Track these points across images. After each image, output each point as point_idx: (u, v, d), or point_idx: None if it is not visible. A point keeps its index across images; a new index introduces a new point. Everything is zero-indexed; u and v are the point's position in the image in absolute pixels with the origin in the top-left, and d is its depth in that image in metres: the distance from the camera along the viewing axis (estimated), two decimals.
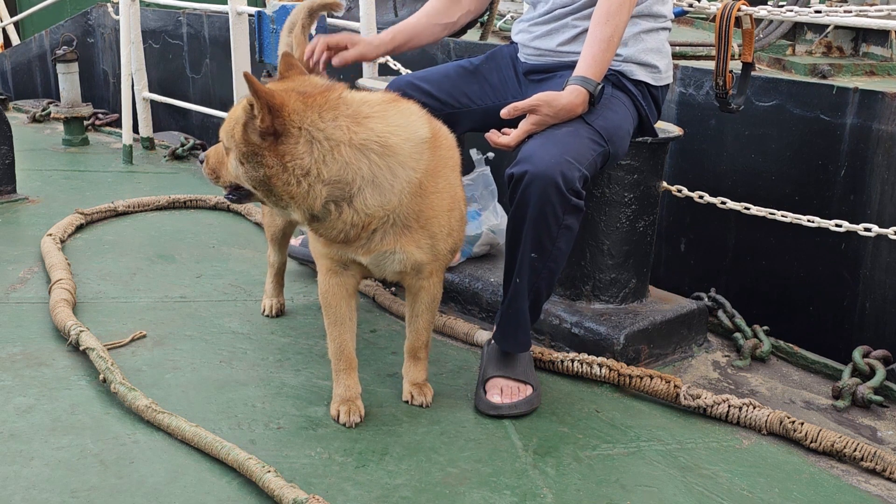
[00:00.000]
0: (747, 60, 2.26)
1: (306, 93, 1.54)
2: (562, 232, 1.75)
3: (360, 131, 1.52)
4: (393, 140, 1.55)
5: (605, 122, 1.83)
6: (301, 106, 1.50)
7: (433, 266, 1.71)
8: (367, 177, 1.53)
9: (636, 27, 1.94)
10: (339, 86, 1.59)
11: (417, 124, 1.60)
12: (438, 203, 1.63)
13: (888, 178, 2.34)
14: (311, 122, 1.50)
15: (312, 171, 1.50)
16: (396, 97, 1.65)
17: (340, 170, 1.51)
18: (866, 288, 2.42)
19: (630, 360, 2.02)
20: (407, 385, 1.85)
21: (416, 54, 3.55)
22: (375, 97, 1.60)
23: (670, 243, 2.86)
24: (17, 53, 6.32)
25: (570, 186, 1.72)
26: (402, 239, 1.61)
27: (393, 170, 1.55)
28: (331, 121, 1.51)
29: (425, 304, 1.79)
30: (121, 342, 2.08)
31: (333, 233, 1.59)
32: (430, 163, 1.60)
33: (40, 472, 1.57)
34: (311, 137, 1.50)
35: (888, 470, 1.63)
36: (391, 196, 1.55)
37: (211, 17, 4.80)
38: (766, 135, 2.59)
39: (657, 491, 1.58)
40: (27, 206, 3.23)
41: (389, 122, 1.55)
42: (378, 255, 1.63)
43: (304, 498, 1.43)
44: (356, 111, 1.54)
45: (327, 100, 1.53)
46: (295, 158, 1.49)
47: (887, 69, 3.24)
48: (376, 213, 1.56)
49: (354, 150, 1.51)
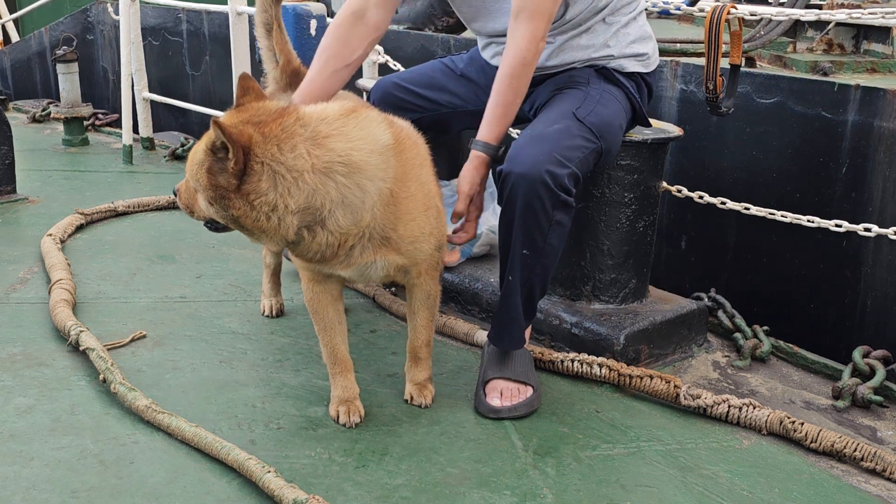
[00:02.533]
0: (735, 62, 2.25)
1: (262, 123, 1.48)
2: (552, 228, 1.75)
3: (322, 154, 1.48)
4: (357, 156, 1.51)
5: (597, 118, 1.83)
6: (260, 139, 1.46)
7: (421, 266, 1.70)
8: (335, 199, 1.50)
9: (613, 26, 1.93)
10: (293, 108, 1.53)
11: (378, 133, 1.56)
12: (413, 206, 1.60)
13: (889, 176, 2.33)
14: (272, 155, 1.45)
15: (279, 205, 1.46)
16: (354, 107, 1.59)
17: (308, 197, 1.48)
18: (867, 287, 2.42)
19: (630, 361, 2.02)
20: (408, 385, 1.85)
21: (417, 52, 3.54)
22: (333, 111, 1.55)
23: (670, 243, 2.85)
24: (17, 51, 6.32)
25: (558, 183, 1.72)
26: (382, 249, 1.59)
27: (361, 186, 1.52)
28: (289, 151, 1.46)
29: (420, 301, 1.78)
30: (121, 342, 2.08)
31: (310, 254, 1.57)
32: (398, 169, 1.57)
33: (40, 472, 1.58)
34: (272, 172, 1.45)
35: (888, 470, 1.63)
36: (363, 213, 1.53)
37: (211, 14, 4.79)
38: (767, 132, 2.59)
39: (657, 491, 1.58)
40: (27, 206, 3.23)
41: (350, 138, 1.52)
42: (359, 268, 1.62)
43: (304, 498, 1.43)
44: (315, 132, 1.49)
45: (283, 128, 1.47)
46: (260, 195, 1.46)
47: (888, 66, 3.24)
48: (350, 231, 1.54)
49: (319, 174, 1.48)
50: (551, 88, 1.94)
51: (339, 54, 1.92)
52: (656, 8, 2.57)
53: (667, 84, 2.83)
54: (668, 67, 2.82)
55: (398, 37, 3.72)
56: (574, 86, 1.91)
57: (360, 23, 1.93)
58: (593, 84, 1.91)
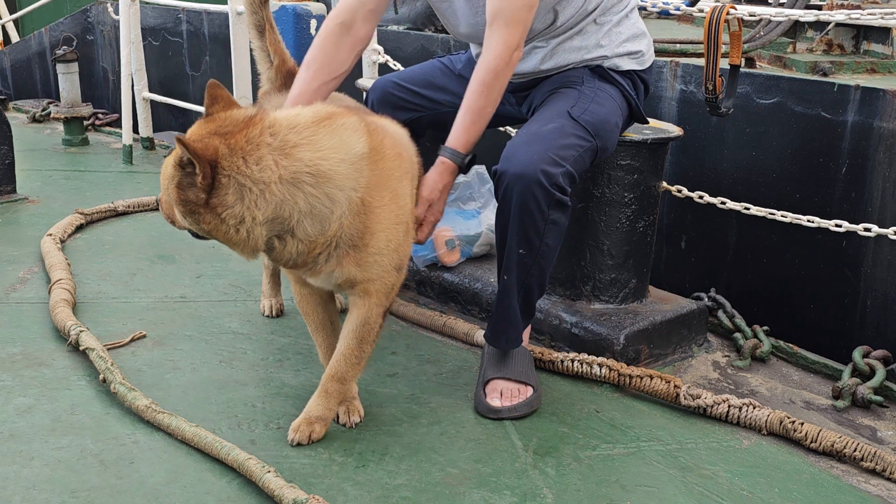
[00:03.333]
0: (735, 63, 2.25)
1: (228, 134, 1.46)
2: (548, 227, 1.75)
3: (290, 164, 1.47)
4: (325, 165, 1.49)
5: (592, 116, 1.83)
6: (226, 152, 1.44)
7: (371, 285, 1.61)
8: (303, 209, 1.48)
9: (604, 26, 1.92)
10: (261, 116, 1.50)
11: (352, 141, 1.53)
12: (385, 216, 1.56)
13: (889, 176, 2.33)
14: (237, 168, 1.44)
15: (247, 217, 1.46)
16: (330, 113, 1.56)
17: (276, 208, 1.47)
18: (867, 287, 2.42)
19: (630, 361, 2.02)
20: (299, 418, 1.68)
21: (417, 52, 3.54)
22: (305, 119, 1.52)
23: (670, 243, 2.85)
24: (17, 51, 6.32)
25: (553, 182, 1.71)
26: (345, 259, 1.56)
27: (330, 196, 1.50)
28: (255, 163, 1.45)
29: (351, 325, 1.64)
30: (121, 342, 2.08)
31: (282, 261, 1.57)
32: (372, 178, 1.54)
33: (40, 472, 1.58)
34: (239, 185, 1.44)
35: (888, 470, 1.63)
36: (331, 222, 1.51)
37: (211, 14, 4.79)
38: (767, 133, 2.59)
39: (657, 491, 1.58)
40: (27, 206, 3.23)
41: (320, 147, 1.49)
42: (324, 276, 1.60)
43: (304, 498, 1.43)
44: (283, 142, 1.48)
45: (249, 139, 1.45)
46: (227, 208, 1.45)
47: (888, 66, 3.24)
48: (318, 239, 1.52)
49: (286, 185, 1.46)
50: (547, 89, 1.94)
51: (327, 67, 1.90)
52: (656, 8, 2.57)
53: (666, 84, 2.83)
54: (667, 68, 2.82)
55: (398, 37, 3.72)
56: (569, 85, 1.91)
57: (348, 35, 1.91)
58: (588, 83, 1.90)
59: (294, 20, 3.17)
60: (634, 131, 2.13)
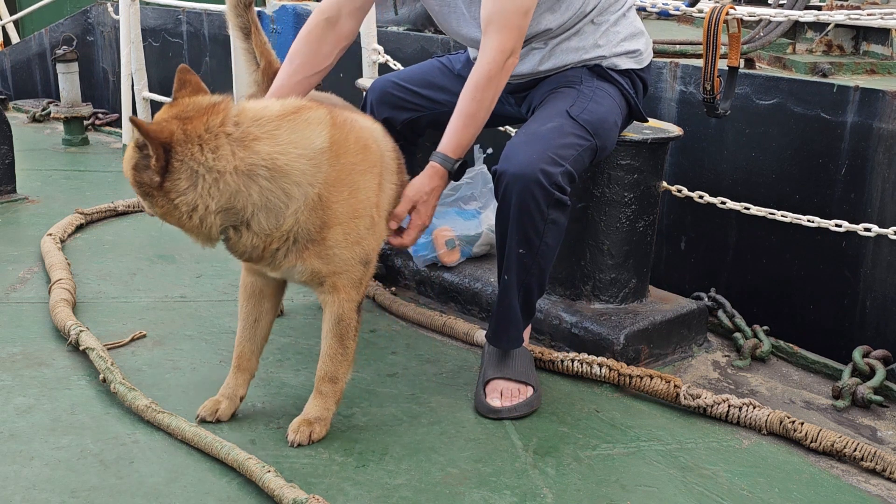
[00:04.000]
0: (734, 65, 2.26)
1: (188, 119, 1.46)
2: (548, 227, 1.75)
3: (247, 156, 1.46)
4: (282, 161, 1.48)
5: (590, 115, 1.83)
6: (182, 137, 1.44)
7: (338, 280, 1.60)
8: (258, 202, 1.48)
9: (602, 26, 1.92)
10: (225, 105, 1.50)
11: (313, 136, 1.52)
12: (341, 212, 1.55)
13: (889, 177, 2.34)
14: (191, 154, 1.44)
15: (199, 205, 1.46)
16: (300, 107, 1.56)
17: (230, 198, 1.47)
18: (867, 287, 2.42)
19: (630, 360, 2.02)
20: (297, 418, 1.69)
21: (416, 53, 3.54)
22: (272, 112, 1.52)
23: (670, 243, 2.86)
24: (17, 52, 6.32)
25: (552, 181, 1.71)
26: (305, 253, 1.55)
27: (286, 191, 1.49)
28: (211, 151, 1.44)
29: (328, 324, 1.65)
30: (121, 342, 2.08)
31: (238, 253, 1.57)
32: (331, 173, 1.53)
33: (40, 472, 1.58)
34: (192, 171, 1.44)
35: (888, 470, 1.63)
36: (286, 217, 1.51)
37: (211, 15, 4.80)
38: (767, 133, 2.59)
39: (657, 491, 1.58)
40: (27, 206, 3.23)
41: (279, 142, 1.49)
42: (284, 270, 1.60)
43: (304, 498, 1.43)
44: (244, 133, 1.47)
45: (208, 127, 1.45)
46: (180, 194, 1.45)
47: (888, 67, 3.24)
48: (274, 234, 1.52)
49: (241, 176, 1.46)
50: (546, 89, 1.94)
51: (310, 61, 1.90)
52: (655, 9, 2.58)
53: (666, 85, 2.83)
54: (667, 69, 2.82)
55: (398, 38, 3.72)
56: (568, 85, 1.91)
57: (332, 30, 1.91)
58: (586, 82, 1.91)
59: (294, 20, 3.17)
60: (634, 131, 2.13)
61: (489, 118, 2.21)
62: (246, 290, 1.73)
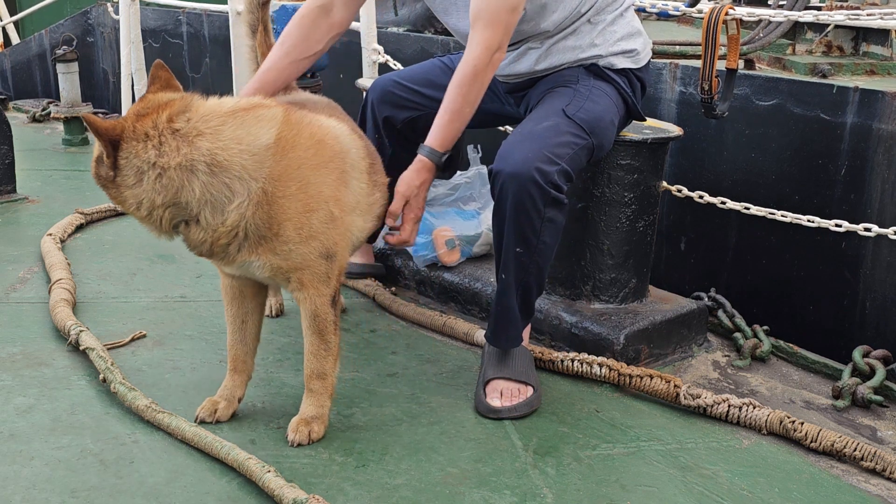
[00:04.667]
0: (732, 66, 2.26)
1: (143, 115, 1.52)
2: (545, 225, 1.75)
3: (189, 152, 1.49)
4: (222, 156, 1.50)
5: (587, 114, 1.83)
6: (130, 133, 1.50)
7: (303, 275, 1.61)
8: (200, 197, 1.51)
9: (598, 26, 1.92)
10: (177, 101, 1.53)
11: (259, 133, 1.54)
12: (290, 207, 1.55)
13: (888, 178, 2.34)
14: (136, 151, 1.49)
15: (145, 200, 1.51)
16: (254, 105, 1.58)
17: (176, 193, 1.50)
18: (866, 287, 2.42)
19: (630, 360, 2.02)
20: (294, 418, 1.70)
21: (416, 54, 3.55)
22: (224, 108, 1.55)
23: (670, 243, 2.86)
24: (17, 53, 6.32)
25: (548, 180, 1.72)
26: (259, 248, 1.56)
27: (228, 185, 1.51)
28: (155, 147, 1.49)
29: (306, 322, 1.66)
30: (121, 342, 2.08)
31: (192, 247, 1.59)
32: (276, 168, 1.54)
33: (40, 471, 1.58)
34: (137, 167, 1.49)
35: (888, 470, 1.63)
36: (230, 212, 1.52)
37: (211, 16, 4.80)
38: (767, 134, 2.59)
39: (657, 491, 1.58)
40: (27, 206, 3.23)
41: (222, 137, 1.51)
42: (240, 266, 1.61)
43: (304, 498, 1.43)
44: (191, 129, 1.51)
45: (155, 123, 1.50)
46: (128, 188, 1.51)
47: (887, 68, 3.24)
48: (220, 229, 1.54)
49: (184, 172, 1.49)
50: (543, 89, 1.95)
51: (300, 46, 1.94)
52: (655, 9, 2.58)
53: (666, 86, 2.83)
54: (667, 70, 2.82)
55: (398, 39, 3.72)
56: (564, 84, 1.91)
57: (326, 17, 1.95)
58: (583, 81, 1.91)
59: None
60: (634, 131, 2.13)
61: (489, 118, 2.22)
62: (227, 292, 1.75)
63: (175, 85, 1.61)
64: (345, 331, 2.21)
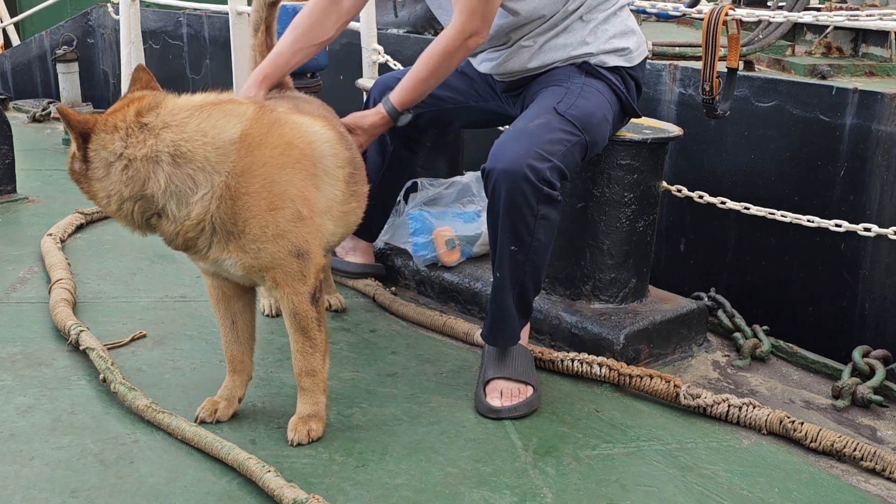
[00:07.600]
0: (732, 66, 2.26)
1: (113, 111, 1.55)
2: (539, 223, 1.75)
3: (155, 143, 1.51)
4: (186, 147, 1.51)
5: (578, 111, 1.84)
6: (100, 128, 1.52)
7: (276, 274, 1.60)
8: (165, 189, 1.52)
9: (590, 24, 1.93)
10: (146, 97, 1.56)
11: (225, 127, 1.54)
12: (254, 204, 1.55)
13: (888, 179, 2.34)
14: (103, 144, 1.52)
15: (114, 192, 1.53)
16: (219, 100, 1.59)
17: (141, 186, 1.52)
18: (866, 288, 2.43)
19: (630, 360, 2.02)
20: (292, 418, 1.70)
21: (417, 55, 3.55)
22: (193, 103, 1.57)
23: (670, 243, 2.86)
24: (18, 54, 6.32)
25: (540, 177, 1.72)
26: (229, 245, 1.57)
27: (192, 176, 1.52)
28: (121, 140, 1.51)
29: (288, 322, 1.66)
30: (121, 342, 2.08)
31: (168, 241, 1.60)
32: (240, 164, 1.54)
33: (40, 471, 1.58)
34: (104, 158, 1.52)
35: (888, 470, 1.63)
36: (194, 205, 1.53)
37: (211, 17, 4.80)
38: (766, 135, 2.59)
39: (657, 491, 1.58)
40: (27, 206, 3.23)
41: (186, 129, 1.52)
42: (213, 263, 1.61)
43: (304, 498, 1.43)
44: (158, 122, 1.53)
45: (124, 117, 1.53)
46: (97, 181, 1.53)
47: (887, 70, 3.25)
48: (186, 222, 1.55)
49: (149, 163, 1.51)
50: (536, 89, 1.96)
51: (309, 34, 2.00)
52: (655, 10, 2.58)
53: (665, 87, 2.84)
54: (666, 71, 2.83)
55: (398, 40, 3.73)
56: (556, 83, 1.92)
57: (336, 7, 2.02)
58: (574, 79, 1.92)
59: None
60: (634, 131, 2.13)
61: (490, 118, 2.22)
62: (212, 294, 1.75)
63: (155, 86, 1.64)
64: (345, 331, 2.21)
